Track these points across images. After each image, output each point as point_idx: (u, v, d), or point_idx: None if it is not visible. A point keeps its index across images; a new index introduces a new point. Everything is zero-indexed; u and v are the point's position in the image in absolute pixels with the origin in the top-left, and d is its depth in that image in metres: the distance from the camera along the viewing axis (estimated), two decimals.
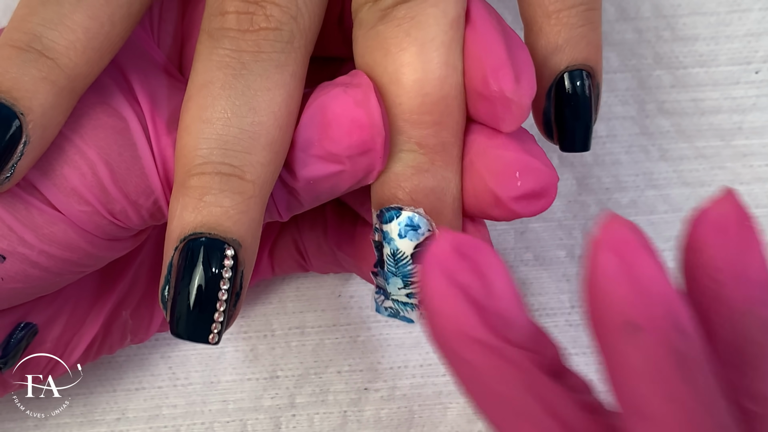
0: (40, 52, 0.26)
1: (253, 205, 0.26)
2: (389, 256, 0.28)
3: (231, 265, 0.26)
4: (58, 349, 0.34)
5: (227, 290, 0.26)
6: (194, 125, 0.26)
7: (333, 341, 0.41)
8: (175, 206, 0.26)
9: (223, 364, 0.41)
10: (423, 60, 0.28)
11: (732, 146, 0.42)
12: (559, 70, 0.30)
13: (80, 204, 0.27)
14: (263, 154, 0.26)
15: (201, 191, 0.26)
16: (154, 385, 0.41)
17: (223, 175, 0.26)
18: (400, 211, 0.28)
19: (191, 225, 0.26)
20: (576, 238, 0.42)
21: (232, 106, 0.26)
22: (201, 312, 0.26)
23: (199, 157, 0.26)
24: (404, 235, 0.28)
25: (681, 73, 0.41)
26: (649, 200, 0.42)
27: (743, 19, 0.42)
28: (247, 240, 0.26)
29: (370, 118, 0.27)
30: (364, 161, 0.27)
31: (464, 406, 0.41)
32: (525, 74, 0.28)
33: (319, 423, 0.41)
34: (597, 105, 0.31)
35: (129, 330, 0.37)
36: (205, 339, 0.26)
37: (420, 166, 0.28)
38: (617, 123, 0.41)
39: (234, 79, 0.26)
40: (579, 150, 0.31)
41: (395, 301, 0.29)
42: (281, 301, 0.42)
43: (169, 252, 0.26)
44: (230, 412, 0.41)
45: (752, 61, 0.41)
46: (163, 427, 0.41)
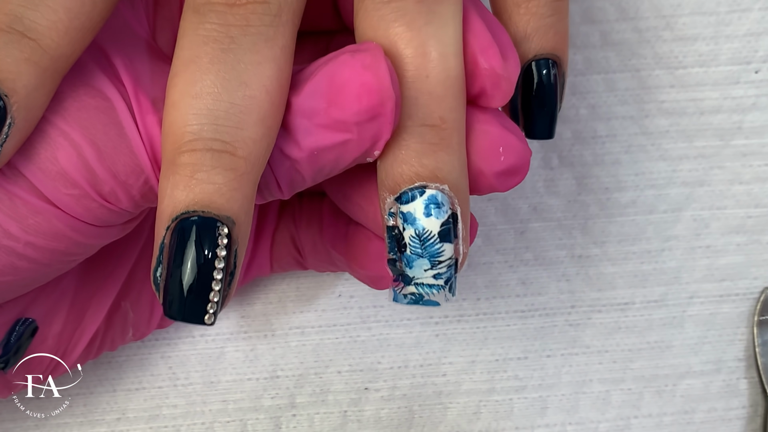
0: (21, 33, 0.25)
1: (245, 182, 0.26)
2: (414, 237, 0.27)
3: (225, 243, 0.25)
4: (60, 346, 0.34)
5: (222, 269, 0.25)
6: (183, 101, 0.25)
7: (333, 341, 0.41)
8: (165, 185, 0.25)
9: (223, 364, 0.41)
10: (448, 35, 0.27)
11: (732, 146, 0.42)
12: (527, 59, 0.31)
13: (67, 187, 0.27)
14: (255, 130, 0.26)
15: (192, 168, 0.25)
16: (154, 385, 0.41)
17: (214, 151, 0.25)
18: (424, 190, 0.27)
19: (183, 203, 0.25)
20: (576, 238, 0.42)
21: (222, 80, 0.25)
22: (196, 292, 0.25)
23: (189, 134, 0.25)
24: (429, 213, 0.27)
25: (680, 73, 0.41)
26: (649, 200, 0.42)
27: (743, 18, 0.42)
28: (241, 217, 0.25)
29: (379, 82, 0.26)
30: (372, 128, 0.27)
31: (464, 405, 0.41)
32: (510, 53, 0.28)
33: (319, 423, 0.41)
34: (562, 94, 0.32)
35: (130, 323, 0.37)
36: (201, 320, 0.25)
37: (441, 143, 0.27)
38: (617, 123, 0.41)
39: (223, 53, 0.26)
40: (544, 137, 0.32)
41: (419, 284, 0.28)
42: (281, 300, 0.42)
43: (160, 232, 0.25)
44: (230, 412, 0.41)
45: (752, 60, 0.41)
46: (164, 427, 0.41)
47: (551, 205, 0.42)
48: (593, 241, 0.42)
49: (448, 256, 0.27)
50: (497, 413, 0.42)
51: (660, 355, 0.42)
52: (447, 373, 0.42)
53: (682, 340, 0.42)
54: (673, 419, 0.42)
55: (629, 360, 0.42)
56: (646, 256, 0.42)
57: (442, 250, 0.27)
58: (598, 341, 0.42)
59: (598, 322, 0.42)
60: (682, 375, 0.42)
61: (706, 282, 0.42)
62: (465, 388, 0.42)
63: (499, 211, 0.42)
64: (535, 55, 0.31)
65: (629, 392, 0.42)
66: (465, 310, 0.42)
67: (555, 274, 0.42)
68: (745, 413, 0.42)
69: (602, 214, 0.42)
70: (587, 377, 0.42)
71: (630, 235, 0.42)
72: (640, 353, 0.42)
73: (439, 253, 0.27)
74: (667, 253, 0.42)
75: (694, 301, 0.42)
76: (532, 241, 0.42)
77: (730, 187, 0.42)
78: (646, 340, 0.42)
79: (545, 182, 0.42)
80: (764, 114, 0.42)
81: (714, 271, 0.42)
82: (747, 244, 0.42)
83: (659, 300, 0.42)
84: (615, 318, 0.42)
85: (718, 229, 0.42)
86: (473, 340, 0.42)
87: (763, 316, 0.41)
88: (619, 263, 0.42)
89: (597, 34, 0.41)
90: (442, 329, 0.42)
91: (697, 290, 0.42)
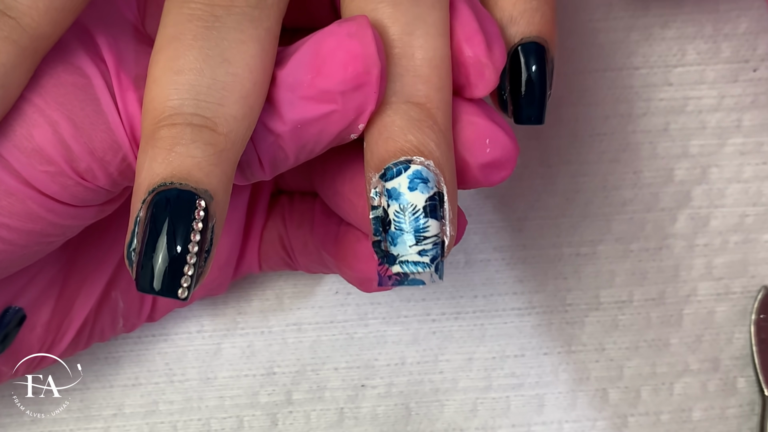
0: (1, 11, 0.25)
1: (225, 159, 0.25)
2: (398, 212, 0.27)
3: (202, 217, 0.25)
4: (49, 335, 0.34)
5: (198, 243, 0.25)
6: (164, 76, 0.25)
7: (330, 338, 0.41)
8: (143, 158, 0.25)
9: (219, 361, 0.41)
10: (434, 16, 0.28)
11: (730, 144, 0.42)
12: (514, 43, 0.31)
13: (42, 164, 0.27)
14: (236, 108, 0.25)
15: (171, 142, 0.25)
16: (150, 381, 0.41)
17: (194, 126, 0.25)
18: (409, 165, 0.27)
19: (160, 176, 0.25)
20: (573, 236, 0.42)
21: (205, 57, 0.25)
22: (170, 266, 0.24)
23: (169, 108, 0.25)
24: (414, 187, 0.27)
25: (679, 71, 0.41)
26: (647, 198, 0.42)
27: (742, 16, 0.42)
28: (219, 194, 0.25)
29: (365, 49, 0.26)
30: (357, 98, 0.26)
31: (461, 403, 0.41)
32: (496, 42, 0.29)
33: (315, 419, 0.41)
34: (551, 78, 0.32)
35: (120, 313, 0.36)
36: (174, 293, 0.24)
37: (426, 120, 0.27)
38: (615, 121, 0.41)
39: (206, 30, 0.26)
40: (533, 123, 0.32)
41: (404, 263, 0.27)
42: (278, 297, 0.42)
43: (136, 205, 0.25)
44: (227, 408, 0.41)
45: (750, 59, 0.41)
46: (160, 423, 0.41)
47: (549, 203, 0.42)
48: (591, 239, 0.42)
49: (434, 232, 0.27)
50: (494, 411, 0.41)
51: (657, 354, 0.42)
52: (444, 371, 0.41)
53: (680, 339, 0.42)
54: (671, 417, 0.42)
55: (626, 358, 0.42)
56: (644, 254, 0.42)
57: (428, 225, 0.27)
58: (596, 339, 0.42)
59: (596, 320, 0.42)
60: (679, 373, 0.42)
61: (704, 280, 0.42)
62: (462, 385, 0.41)
63: (497, 208, 0.42)
64: (522, 38, 0.31)
65: (626, 390, 0.42)
66: (462, 308, 0.42)
67: (552, 271, 0.42)
68: (742, 412, 0.42)
69: (600, 212, 0.42)
70: (584, 375, 0.42)
71: (628, 233, 0.42)
72: (638, 351, 0.42)
73: (424, 228, 0.27)
74: (666, 251, 0.42)
75: (691, 299, 0.42)
76: (529, 239, 0.42)
77: (728, 185, 0.42)
78: (643, 338, 0.42)
79: (543, 180, 0.42)
80: (762, 112, 0.42)
81: (712, 270, 0.42)
82: (745, 243, 0.42)
83: (657, 298, 0.42)
84: (612, 316, 0.42)
85: (716, 227, 0.42)
86: (470, 337, 0.42)
87: (761, 315, 0.41)
88: (617, 261, 0.42)
89: (595, 31, 0.41)
90: (439, 326, 0.41)
91: (695, 288, 0.42)
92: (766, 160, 0.42)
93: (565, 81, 0.41)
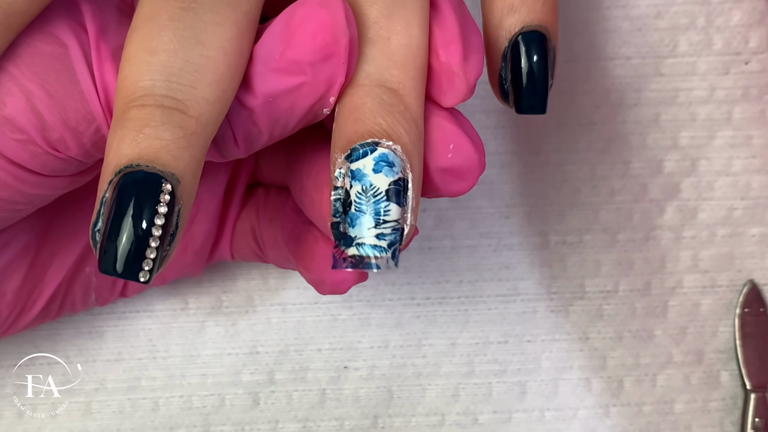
0: None
1: (194, 142, 0.25)
2: (360, 193, 0.26)
3: (168, 200, 0.24)
4: (19, 302, 0.34)
5: (161, 226, 0.24)
6: (137, 56, 0.25)
7: (314, 319, 0.41)
8: (112, 138, 0.25)
9: (203, 339, 0.41)
10: (415, 7, 0.27)
11: (720, 137, 0.41)
12: (515, 31, 0.30)
13: (13, 132, 0.26)
14: (209, 91, 0.25)
15: (140, 123, 0.24)
16: (133, 357, 0.41)
17: (165, 108, 0.25)
18: (375, 147, 0.26)
19: (128, 157, 0.24)
20: (561, 224, 0.42)
21: (179, 38, 0.25)
22: (133, 248, 0.24)
23: (140, 89, 0.25)
24: (379, 170, 0.26)
25: (671, 62, 0.41)
26: (635, 188, 0.41)
27: (735, 9, 0.41)
28: (186, 177, 0.25)
29: (333, 18, 0.26)
30: (326, 69, 0.26)
31: (443, 387, 0.41)
32: (474, 54, 0.28)
33: (297, 400, 0.41)
34: (553, 67, 0.31)
35: (93, 287, 0.36)
36: (135, 276, 0.24)
37: (398, 105, 0.27)
38: (606, 110, 0.41)
39: (182, 11, 0.25)
40: (534, 112, 0.31)
41: (360, 245, 0.27)
42: (263, 277, 0.41)
43: (103, 186, 0.25)
44: (209, 386, 0.41)
45: (743, 52, 0.41)
46: (142, 398, 0.41)
47: (537, 191, 0.42)
48: (578, 228, 0.42)
49: (394, 217, 0.26)
50: (476, 396, 0.42)
51: (641, 345, 0.42)
52: (427, 355, 0.41)
53: (664, 330, 0.42)
54: (653, 409, 0.42)
55: (610, 348, 0.42)
56: (631, 245, 0.42)
57: (389, 209, 0.26)
58: (580, 328, 0.42)
59: (581, 309, 0.42)
60: (663, 365, 0.42)
61: (690, 273, 0.42)
62: (444, 370, 0.41)
63: (485, 194, 0.41)
64: (523, 27, 0.30)
65: (609, 380, 0.42)
66: (447, 293, 0.42)
67: (539, 259, 0.42)
68: (725, 405, 0.42)
69: (588, 201, 0.42)
70: (567, 363, 0.42)
71: (616, 223, 0.42)
72: (622, 342, 0.42)
73: (385, 212, 0.26)
74: (652, 243, 0.42)
75: (677, 291, 0.42)
76: (517, 226, 0.42)
77: (717, 178, 0.42)
78: (628, 328, 0.42)
79: (531, 168, 0.41)
80: (753, 106, 0.41)
81: (698, 262, 0.42)
82: (732, 236, 0.42)
83: (642, 289, 0.42)
84: (597, 305, 0.42)
85: (704, 220, 0.42)
86: (454, 322, 0.42)
87: (746, 309, 0.41)
88: (604, 251, 0.42)
89: (588, 21, 0.41)
90: (424, 311, 0.41)
91: (681, 280, 0.42)
92: (755, 153, 0.41)
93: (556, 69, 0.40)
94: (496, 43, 0.31)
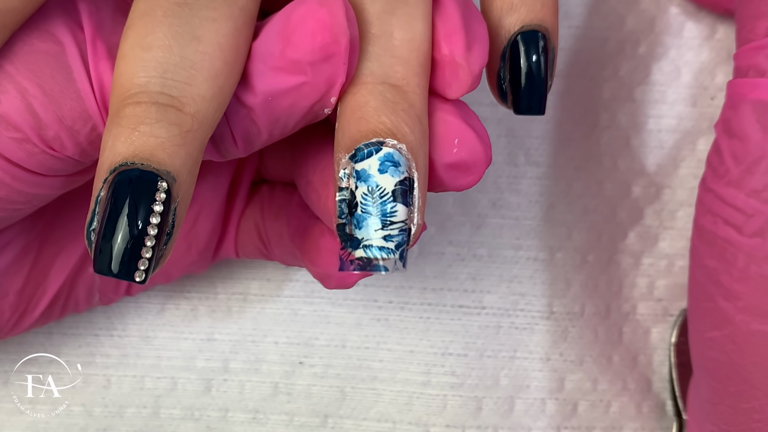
0: None
1: (190, 140, 0.25)
2: (366, 194, 0.26)
3: (163, 199, 0.24)
4: (21, 302, 0.34)
5: (157, 225, 0.24)
6: (132, 52, 0.25)
7: (274, 311, 0.41)
8: (107, 137, 0.25)
9: (161, 321, 0.41)
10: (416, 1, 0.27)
11: (685, 166, 0.41)
12: (514, 31, 0.30)
13: (9, 130, 0.26)
14: (205, 87, 0.25)
15: (135, 120, 0.24)
16: (90, 332, 0.41)
17: (160, 105, 0.24)
18: (380, 147, 0.26)
19: (122, 155, 0.24)
20: (532, 239, 0.41)
21: (174, 34, 0.25)
22: (128, 248, 0.24)
23: (135, 86, 0.24)
24: (385, 170, 0.26)
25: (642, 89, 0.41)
26: (605, 210, 0.41)
27: (704, 46, 0.41)
28: (183, 175, 0.24)
29: (333, 18, 0.25)
30: (326, 70, 0.26)
31: (397, 394, 0.41)
32: (478, 44, 0.28)
33: (249, 390, 0.41)
34: (553, 68, 0.31)
35: (96, 287, 0.36)
36: (131, 276, 0.24)
37: (402, 103, 0.27)
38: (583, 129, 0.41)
39: (178, 7, 0.25)
40: (533, 113, 0.30)
41: (368, 247, 0.27)
42: (228, 265, 0.41)
43: (98, 185, 0.24)
44: (162, 368, 0.41)
45: (709, 87, 0.41)
46: (94, 374, 0.41)
47: (511, 203, 0.41)
48: (549, 245, 0.41)
49: (402, 218, 0.26)
50: (429, 407, 0.41)
51: (600, 370, 0.41)
52: (384, 360, 0.41)
53: (620, 356, 0.41)
54: None
55: (570, 371, 0.41)
56: (597, 267, 0.41)
57: (395, 209, 0.26)
58: (543, 348, 0.41)
59: (546, 329, 0.41)
60: (618, 392, 0.41)
61: (644, 300, 0.41)
62: (400, 377, 0.41)
63: (458, 202, 0.41)
64: (522, 26, 0.30)
65: (564, 403, 0.41)
66: (410, 298, 0.41)
67: (507, 273, 0.41)
68: None
69: (561, 218, 0.41)
70: (525, 383, 0.41)
71: (586, 243, 0.41)
72: (582, 366, 0.41)
73: (392, 213, 0.26)
74: (614, 266, 0.41)
75: (630, 318, 0.41)
76: (487, 237, 0.41)
77: (680, 208, 0.41)
78: (589, 353, 0.41)
79: (508, 179, 0.41)
80: None
81: (653, 290, 0.41)
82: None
83: (603, 313, 0.41)
84: (564, 327, 0.41)
85: (664, 249, 0.41)
86: (414, 329, 0.41)
87: (680, 338, 0.40)
88: (573, 271, 0.41)
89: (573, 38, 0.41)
90: (385, 314, 0.41)
91: (635, 307, 0.41)
92: None
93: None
94: (495, 42, 0.30)
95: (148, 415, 0.41)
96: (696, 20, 0.41)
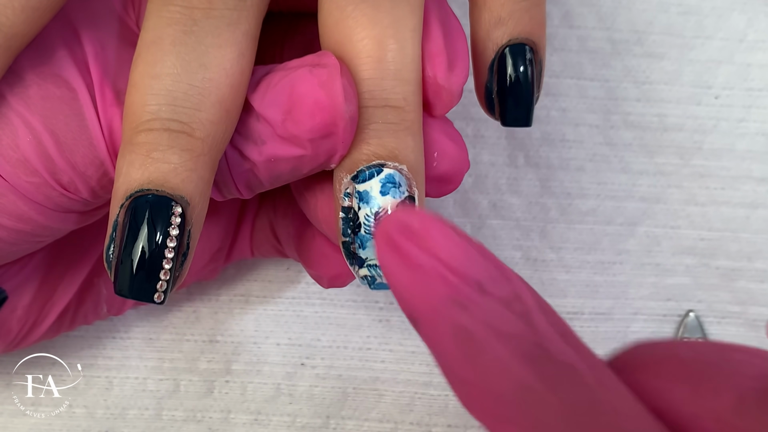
0: None
1: (202, 164, 0.26)
2: (368, 216, 0.27)
3: (178, 223, 0.25)
4: (30, 317, 0.34)
5: (174, 248, 0.25)
6: (142, 81, 0.26)
7: (276, 313, 0.41)
8: (121, 164, 0.26)
9: (163, 323, 0.41)
10: (413, 21, 0.27)
11: (691, 165, 0.41)
12: (502, 44, 0.30)
13: (27, 175, 0.27)
14: (213, 112, 0.26)
15: (148, 147, 0.25)
16: (92, 335, 0.41)
17: (171, 131, 0.25)
18: (381, 169, 0.27)
19: (138, 182, 0.25)
20: (533, 240, 0.41)
21: (182, 62, 0.26)
22: (146, 270, 0.25)
23: (147, 113, 0.25)
24: (386, 192, 0.27)
25: (647, 88, 0.41)
26: (608, 210, 0.41)
27: (706, 45, 0.41)
28: (195, 199, 0.26)
29: (332, 101, 0.26)
30: (325, 145, 0.27)
31: (399, 395, 0.41)
32: (459, 61, 0.28)
33: (252, 392, 0.41)
34: (540, 81, 0.31)
35: (104, 299, 0.37)
36: (150, 298, 0.25)
37: (403, 123, 0.27)
38: (585, 130, 0.41)
39: (184, 35, 0.26)
40: (520, 125, 0.31)
41: (372, 266, 0.27)
42: (230, 267, 0.41)
43: (114, 210, 0.25)
44: (165, 370, 0.41)
45: (713, 86, 0.41)
46: (96, 377, 0.41)
47: (512, 204, 0.41)
48: (550, 246, 0.41)
49: None
50: (431, 407, 0.41)
51: None
52: (386, 360, 0.41)
53: None
54: None
55: None
56: (599, 267, 0.41)
57: None
58: None
59: None
60: None
61: (651, 300, 0.41)
62: (402, 377, 0.41)
63: (458, 203, 0.41)
64: (510, 39, 0.30)
65: None
66: None
67: None
68: None
69: (562, 219, 0.41)
70: None
71: (586, 243, 0.41)
72: None
73: None
74: (618, 267, 0.41)
75: (637, 317, 0.41)
76: (488, 238, 0.41)
77: (685, 207, 0.41)
78: None
79: (508, 180, 0.41)
80: (723, 138, 0.41)
81: (660, 290, 0.41)
82: (696, 267, 0.41)
83: (606, 313, 0.41)
84: None
85: (670, 248, 0.41)
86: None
87: (684, 338, 0.40)
88: (573, 271, 0.41)
89: (574, 39, 0.41)
90: (386, 315, 0.41)
91: (642, 307, 0.41)
92: (723, 185, 0.41)
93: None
94: (483, 55, 0.31)
95: (151, 416, 0.41)
96: (699, 19, 0.42)
